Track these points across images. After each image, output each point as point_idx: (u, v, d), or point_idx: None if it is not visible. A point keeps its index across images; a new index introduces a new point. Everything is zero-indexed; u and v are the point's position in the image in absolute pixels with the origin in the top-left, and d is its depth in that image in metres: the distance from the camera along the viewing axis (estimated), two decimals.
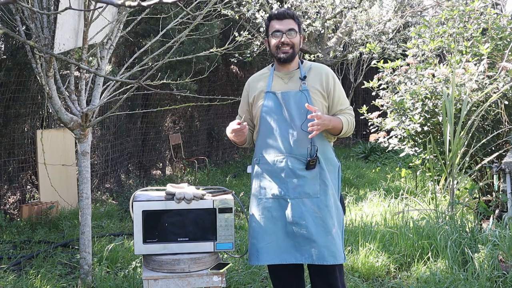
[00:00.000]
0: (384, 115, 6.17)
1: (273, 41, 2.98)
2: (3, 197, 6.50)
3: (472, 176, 5.83)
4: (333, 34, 10.53)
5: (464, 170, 5.62)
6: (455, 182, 5.24)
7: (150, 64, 5.63)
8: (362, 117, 6.33)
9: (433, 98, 5.60)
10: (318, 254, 2.88)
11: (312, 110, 2.80)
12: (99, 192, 7.70)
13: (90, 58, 5.54)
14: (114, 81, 4.15)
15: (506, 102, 5.43)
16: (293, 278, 3.09)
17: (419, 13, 10.87)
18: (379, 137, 6.23)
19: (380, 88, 6.17)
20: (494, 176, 5.09)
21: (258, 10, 8.60)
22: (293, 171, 2.92)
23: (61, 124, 4.34)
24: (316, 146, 2.92)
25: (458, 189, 5.97)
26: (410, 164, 6.47)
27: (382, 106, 6.11)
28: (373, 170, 9.29)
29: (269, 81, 3.03)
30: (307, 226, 2.88)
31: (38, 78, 3.90)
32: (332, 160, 3.01)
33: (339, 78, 14.27)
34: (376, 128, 6.27)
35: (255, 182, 3.04)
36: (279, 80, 3.02)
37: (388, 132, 6.19)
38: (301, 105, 2.90)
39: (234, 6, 7.68)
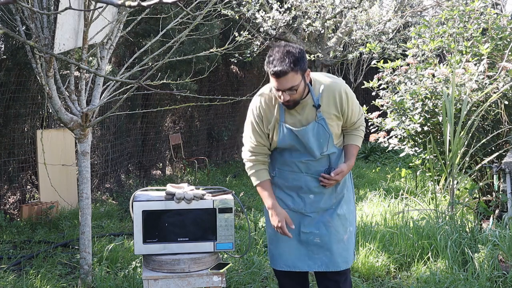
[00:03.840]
0: (384, 115, 6.17)
1: (274, 92, 2.75)
2: (3, 197, 6.50)
3: (472, 176, 5.83)
4: (333, 34, 10.53)
5: (464, 170, 5.61)
6: (455, 182, 5.23)
7: (150, 64, 5.63)
8: None
9: (433, 98, 5.60)
10: (332, 261, 2.89)
11: (329, 177, 2.83)
12: (99, 192, 7.70)
13: (90, 58, 5.54)
14: (114, 81, 4.15)
15: (506, 102, 5.43)
16: (299, 279, 3.08)
17: (419, 13, 10.87)
18: (379, 137, 6.23)
19: (380, 88, 6.17)
20: (494, 176, 5.09)
21: (258, 10, 8.59)
22: (309, 188, 2.91)
23: (61, 124, 4.34)
24: (333, 168, 2.89)
25: (458, 189, 5.97)
26: (410, 164, 6.47)
27: (382, 106, 6.11)
28: (373, 170, 9.28)
29: (281, 111, 2.82)
30: (320, 235, 2.89)
31: (38, 78, 3.90)
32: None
33: None
34: (376, 128, 6.27)
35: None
36: (291, 110, 2.83)
37: (388, 132, 6.18)
38: (319, 135, 2.82)
39: (234, 6, 7.68)
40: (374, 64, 6.40)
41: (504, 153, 5.56)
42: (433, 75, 5.74)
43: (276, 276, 3.13)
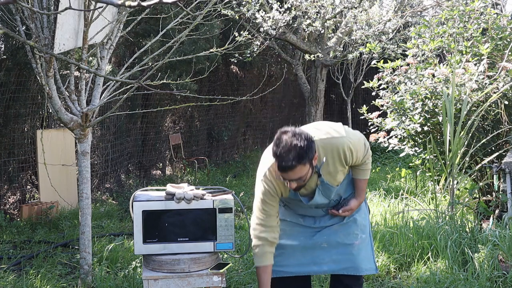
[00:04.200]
0: (384, 115, 6.17)
1: (281, 179, 2.70)
2: (3, 197, 6.50)
3: (472, 176, 5.83)
4: (333, 34, 10.53)
5: (464, 170, 5.61)
6: (455, 182, 5.23)
7: (150, 64, 5.63)
8: (362, 117, 6.33)
9: (433, 98, 5.60)
10: (340, 266, 2.89)
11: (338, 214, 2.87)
12: (99, 192, 7.70)
13: (90, 58, 5.54)
14: (114, 81, 4.15)
15: (506, 102, 5.43)
16: (300, 284, 3.06)
17: (419, 13, 10.87)
18: (379, 137, 6.23)
19: (380, 88, 6.16)
20: (494, 176, 5.09)
21: (258, 10, 8.59)
22: (319, 217, 2.96)
23: (61, 124, 4.34)
24: (343, 197, 2.94)
25: (458, 189, 5.97)
26: (410, 164, 6.47)
27: (382, 106, 6.11)
28: (373, 170, 9.28)
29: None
30: (328, 240, 2.90)
31: (38, 78, 3.90)
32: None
33: (338, 78, 14.08)
34: (376, 128, 6.27)
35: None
36: None
37: (388, 132, 6.18)
38: (325, 193, 2.85)
39: (234, 6, 7.67)
40: (374, 64, 6.40)
41: (504, 153, 5.56)
42: (433, 75, 5.74)
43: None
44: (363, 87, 6.39)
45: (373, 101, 6.24)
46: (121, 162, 8.38)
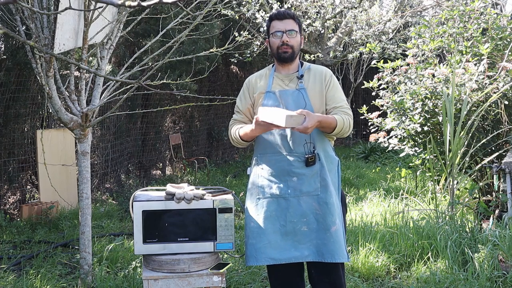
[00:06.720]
0: (384, 115, 6.17)
1: (274, 41, 2.99)
2: (3, 197, 6.50)
3: (472, 176, 5.83)
4: (333, 34, 10.53)
5: (464, 170, 5.61)
6: (455, 182, 5.23)
7: (150, 64, 5.63)
8: (362, 117, 6.33)
9: (433, 98, 5.60)
10: (316, 252, 2.88)
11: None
12: (99, 192, 7.70)
13: (90, 58, 5.54)
14: (114, 81, 4.15)
15: (506, 102, 5.43)
16: (293, 278, 3.08)
17: (419, 13, 10.87)
18: (379, 137, 6.23)
19: (380, 88, 6.16)
20: (494, 176, 5.09)
21: (258, 10, 8.60)
22: (292, 170, 2.92)
23: (61, 124, 4.34)
24: (312, 143, 2.92)
25: (458, 189, 5.97)
26: (410, 164, 6.47)
27: (382, 106, 6.11)
28: (373, 170, 9.28)
29: (269, 81, 3.04)
30: (308, 223, 2.89)
31: (38, 78, 3.90)
32: (332, 157, 3.01)
33: (339, 78, 14.16)
34: (376, 128, 6.27)
35: (253, 181, 3.03)
36: (279, 81, 3.03)
37: (388, 132, 6.18)
38: (299, 104, 2.91)
39: (234, 6, 7.68)
40: (374, 64, 6.40)
41: (504, 153, 5.56)
42: (433, 75, 5.74)
43: (269, 275, 3.12)
44: (363, 87, 6.39)
45: (373, 101, 6.24)
46: (121, 162, 8.38)
